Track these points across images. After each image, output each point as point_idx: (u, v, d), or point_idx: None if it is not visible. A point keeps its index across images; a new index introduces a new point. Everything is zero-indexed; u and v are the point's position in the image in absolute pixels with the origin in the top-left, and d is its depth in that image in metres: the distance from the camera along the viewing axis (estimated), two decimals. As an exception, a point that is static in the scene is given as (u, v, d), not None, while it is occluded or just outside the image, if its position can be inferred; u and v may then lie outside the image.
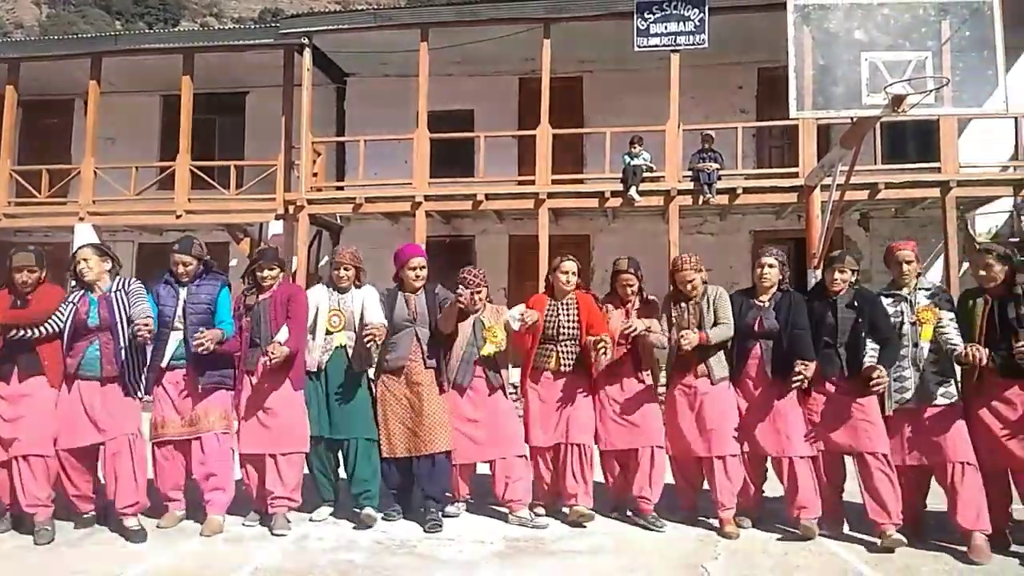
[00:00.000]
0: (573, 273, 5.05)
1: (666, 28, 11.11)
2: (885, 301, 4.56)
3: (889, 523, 4.29)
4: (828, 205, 9.01)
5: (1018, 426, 4.19)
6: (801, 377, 4.39)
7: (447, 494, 5.06)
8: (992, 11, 6.68)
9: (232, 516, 4.84)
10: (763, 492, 4.90)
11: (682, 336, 4.60)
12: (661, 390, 5.08)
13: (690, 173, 11.27)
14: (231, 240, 13.33)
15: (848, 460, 4.62)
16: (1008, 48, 6.96)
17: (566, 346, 4.95)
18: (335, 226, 13.78)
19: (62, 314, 4.60)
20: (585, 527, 4.79)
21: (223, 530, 4.69)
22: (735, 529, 4.60)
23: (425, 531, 4.70)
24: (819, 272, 9.76)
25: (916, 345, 4.41)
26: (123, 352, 4.62)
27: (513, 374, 5.30)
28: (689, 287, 4.79)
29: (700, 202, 11.28)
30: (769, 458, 4.69)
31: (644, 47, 11.22)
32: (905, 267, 4.52)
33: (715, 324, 4.73)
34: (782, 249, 5.06)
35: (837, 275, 4.56)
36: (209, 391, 4.78)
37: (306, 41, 12.31)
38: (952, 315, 4.40)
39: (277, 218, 12.54)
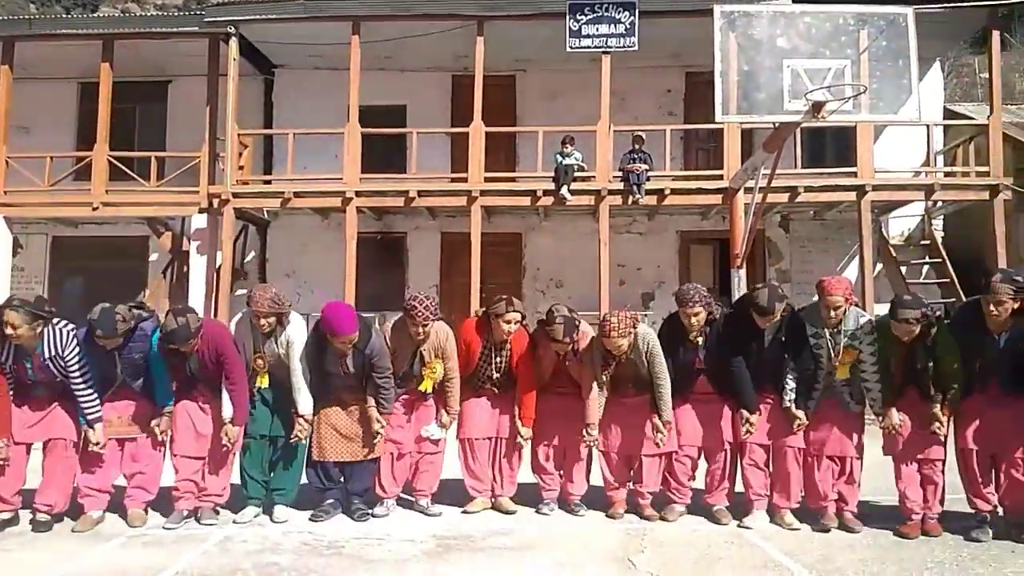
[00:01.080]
0: (516, 322, 4.97)
1: (598, 30, 11.24)
2: (808, 330, 4.72)
3: (786, 506, 4.77)
4: (751, 207, 9.28)
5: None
6: (749, 434, 4.75)
7: (379, 493, 5.08)
8: (907, 23, 6.99)
9: (156, 521, 4.76)
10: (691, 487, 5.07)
11: (657, 441, 4.80)
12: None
13: (620, 174, 11.44)
14: (151, 234, 12.87)
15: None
16: (921, 58, 7.30)
17: (497, 382, 5.08)
18: (262, 221, 13.46)
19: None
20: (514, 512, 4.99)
21: (146, 522, 4.73)
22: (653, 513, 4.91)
23: (355, 520, 4.84)
24: (743, 272, 10.13)
25: (831, 374, 4.70)
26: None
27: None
28: (616, 351, 4.78)
29: (630, 202, 11.44)
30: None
31: (576, 48, 11.31)
32: (833, 312, 4.62)
33: (655, 385, 4.81)
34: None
35: (767, 323, 4.68)
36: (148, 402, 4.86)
37: (232, 30, 11.94)
38: (874, 357, 4.58)
39: (201, 212, 12.14)
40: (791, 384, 4.70)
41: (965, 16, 11.48)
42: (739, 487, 4.96)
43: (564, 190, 11.27)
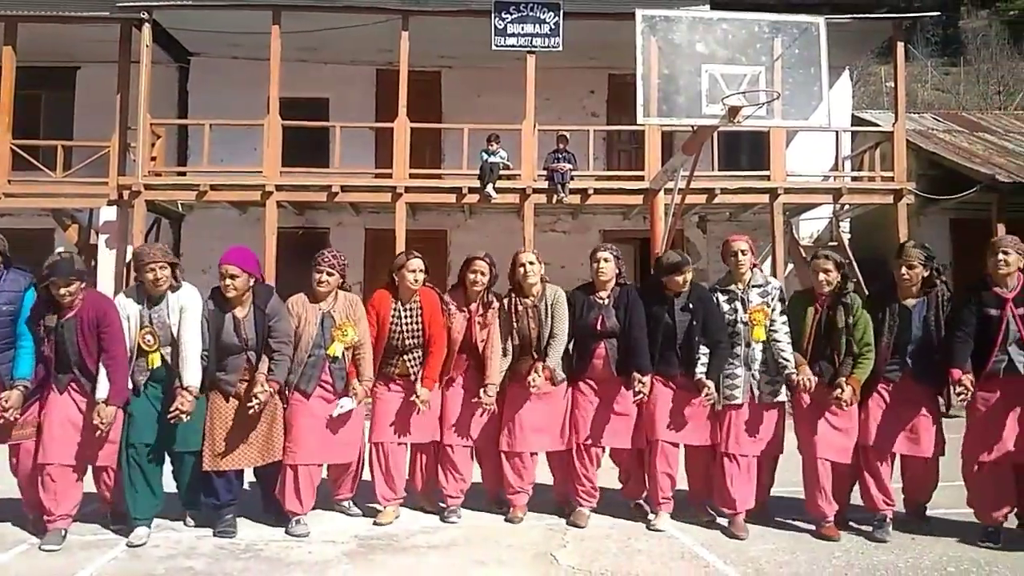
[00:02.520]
0: (420, 271, 4.76)
1: (523, 29, 11.30)
2: (720, 298, 4.72)
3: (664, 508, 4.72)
4: (671, 208, 9.50)
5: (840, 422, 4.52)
6: (641, 396, 4.56)
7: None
8: (818, 32, 7.27)
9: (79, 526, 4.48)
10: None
11: (530, 381, 4.60)
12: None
13: (545, 173, 11.54)
14: (57, 226, 12.25)
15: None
16: (831, 67, 7.61)
17: (413, 355, 4.79)
18: (175, 214, 13.00)
19: None
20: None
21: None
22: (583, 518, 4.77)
23: (216, 532, 4.48)
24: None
25: (748, 345, 4.60)
26: None
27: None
28: (528, 285, 4.76)
29: (554, 201, 11.57)
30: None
31: (501, 46, 11.35)
32: (741, 257, 4.66)
33: (549, 337, 4.72)
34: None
35: (678, 277, 4.65)
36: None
37: (145, 16, 11.46)
38: (784, 317, 4.61)
39: (110, 204, 11.63)
40: (703, 358, 4.59)
41: (872, 27, 12.07)
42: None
43: (489, 188, 11.29)
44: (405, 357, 4.79)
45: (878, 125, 13.74)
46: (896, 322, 4.44)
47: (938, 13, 14.25)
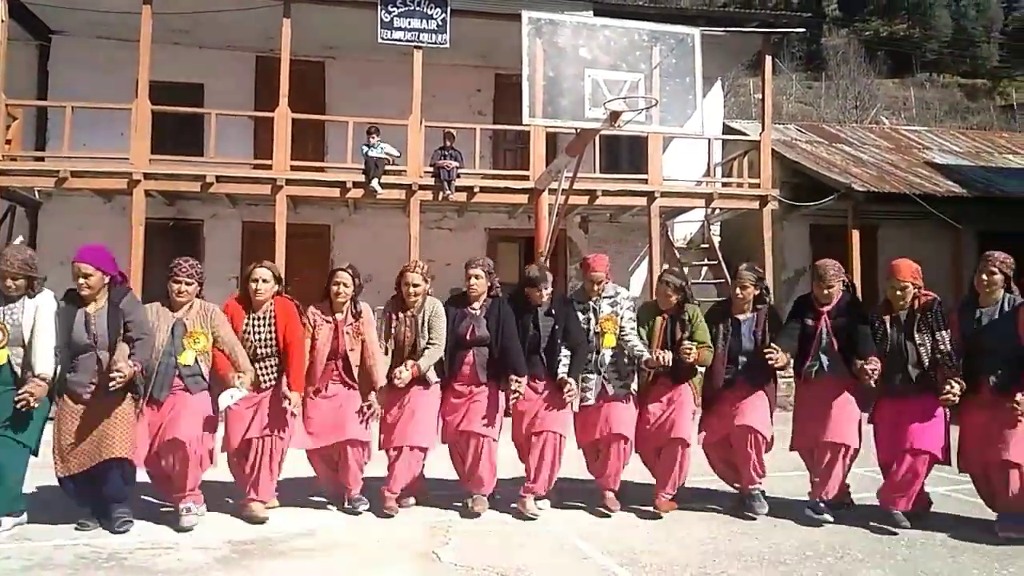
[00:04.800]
0: (265, 280, 4.74)
1: (409, 24, 11.21)
2: (577, 306, 5.12)
3: (533, 493, 4.93)
4: (554, 208, 9.70)
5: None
6: (517, 395, 4.82)
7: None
8: (694, 43, 7.62)
9: None
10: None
11: (396, 374, 4.75)
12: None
13: (431, 169, 11.50)
14: None
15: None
16: (705, 77, 7.99)
17: (266, 364, 4.77)
18: (32, 201, 12.09)
19: None
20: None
21: None
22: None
23: (115, 530, 4.38)
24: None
25: (598, 352, 5.02)
26: None
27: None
28: (411, 296, 4.90)
29: (440, 198, 11.55)
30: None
31: (387, 40, 11.21)
32: (595, 286, 5.08)
33: (427, 343, 4.87)
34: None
35: (541, 292, 4.98)
36: None
37: (-1, -13, 10.63)
38: (633, 321, 5.07)
39: (-44, 189, 10.71)
40: (564, 359, 4.95)
41: (743, 41, 12.74)
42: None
43: (375, 183, 11.14)
44: (257, 367, 4.75)
45: (746, 134, 14.52)
46: (730, 332, 5.04)
47: (803, 30, 15.20)
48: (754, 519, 4.88)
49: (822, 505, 4.80)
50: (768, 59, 12.72)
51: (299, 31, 11.18)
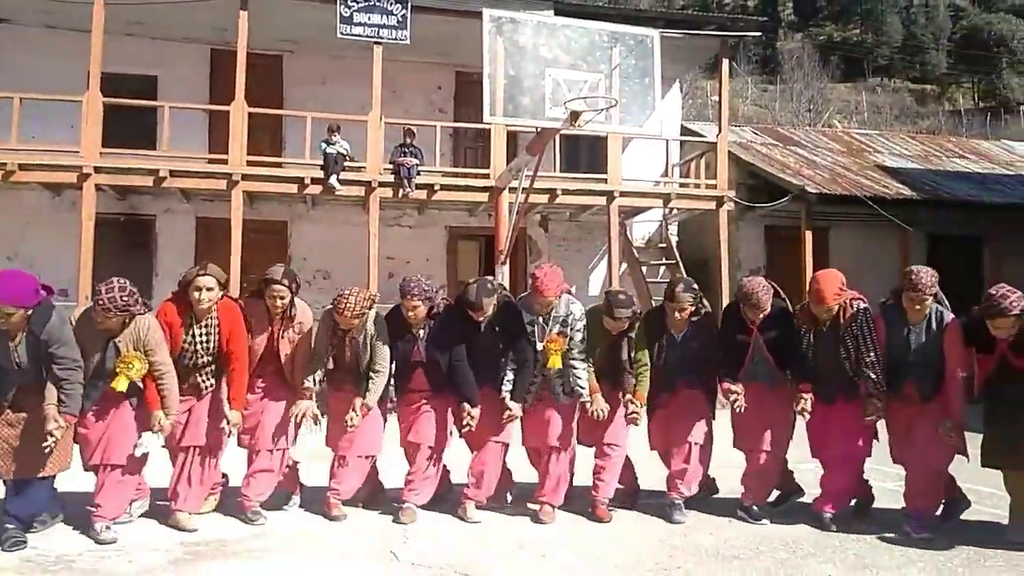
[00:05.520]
0: (209, 288, 4.44)
1: (370, 19, 11.09)
2: (526, 317, 4.93)
3: (475, 499, 4.90)
4: (515, 206, 9.71)
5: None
6: (468, 428, 4.75)
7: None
8: (653, 45, 7.68)
9: None
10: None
11: (348, 420, 4.63)
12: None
13: (391, 166, 11.43)
14: None
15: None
16: (664, 79, 8.06)
17: (206, 371, 4.61)
18: (-24, 195, 11.71)
19: None
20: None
21: None
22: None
23: (5, 549, 4.04)
24: (506, 268, 10.58)
25: (545, 365, 4.84)
26: None
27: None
28: (346, 325, 4.70)
29: (400, 195, 11.48)
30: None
31: (347, 35, 11.08)
32: (545, 303, 4.86)
33: (371, 371, 4.74)
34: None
35: (483, 310, 4.70)
36: None
37: (-59, -29, 10.26)
38: (583, 345, 4.90)
39: None
40: (509, 376, 4.85)
41: (701, 44, 12.90)
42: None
43: (333, 179, 11.02)
44: (197, 374, 4.60)
45: (704, 136, 14.70)
46: (666, 347, 5.00)
47: (759, 34, 15.47)
48: (704, 516, 4.92)
49: (755, 509, 4.89)
50: (725, 62, 12.89)
51: (257, 24, 11.00)
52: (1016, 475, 4.51)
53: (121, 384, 4.21)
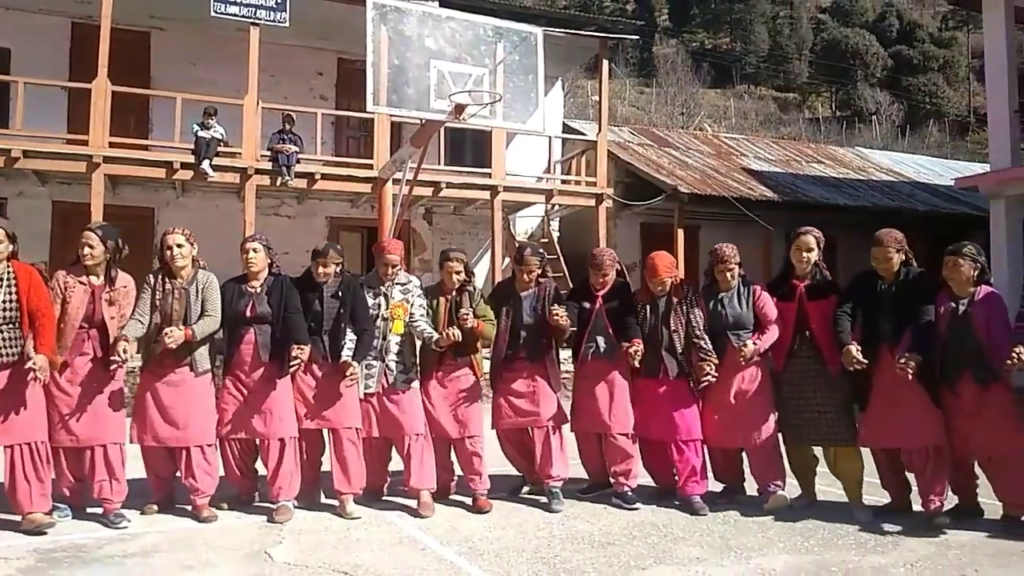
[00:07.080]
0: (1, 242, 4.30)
1: (246, -2, 10.67)
2: (367, 292, 5.02)
3: (349, 492, 4.78)
4: (399, 198, 9.60)
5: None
6: (298, 361, 4.62)
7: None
8: (537, 42, 7.78)
9: None
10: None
11: (167, 332, 4.42)
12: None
13: (269, 153, 11.04)
14: None
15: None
16: (547, 77, 8.19)
17: (7, 335, 4.25)
18: None
19: None
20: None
21: None
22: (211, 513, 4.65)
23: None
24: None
25: (385, 338, 4.95)
26: None
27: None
28: (176, 265, 4.63)
29: (278, 184, 11.12)
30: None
31: (222, 13, 10.60)
32: (389, 269, 5.01)
33: (202, 315, 4.62)
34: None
35: (321, 269, 4.86)
36: None
37: None
38: (424, 309, 5.07)
39: None
40: (349, 343, 4.84)
41: (582, 44, 13.20)
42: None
43: (206, 165, 10.54)
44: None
45: (585, 134, 15.08)
46: (512, 308, 5.19)
47: (636, 37, 15.96)
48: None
49: (630, 494, 5.03)
50: (605, 63, 13.24)
51: (121, -3, 10.35)
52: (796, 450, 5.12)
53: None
